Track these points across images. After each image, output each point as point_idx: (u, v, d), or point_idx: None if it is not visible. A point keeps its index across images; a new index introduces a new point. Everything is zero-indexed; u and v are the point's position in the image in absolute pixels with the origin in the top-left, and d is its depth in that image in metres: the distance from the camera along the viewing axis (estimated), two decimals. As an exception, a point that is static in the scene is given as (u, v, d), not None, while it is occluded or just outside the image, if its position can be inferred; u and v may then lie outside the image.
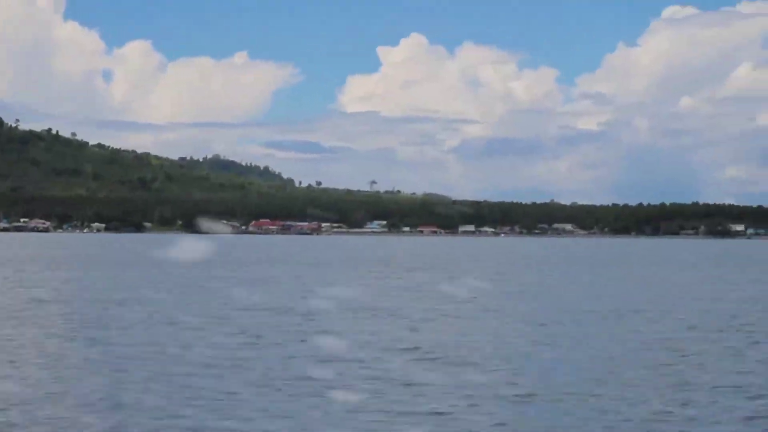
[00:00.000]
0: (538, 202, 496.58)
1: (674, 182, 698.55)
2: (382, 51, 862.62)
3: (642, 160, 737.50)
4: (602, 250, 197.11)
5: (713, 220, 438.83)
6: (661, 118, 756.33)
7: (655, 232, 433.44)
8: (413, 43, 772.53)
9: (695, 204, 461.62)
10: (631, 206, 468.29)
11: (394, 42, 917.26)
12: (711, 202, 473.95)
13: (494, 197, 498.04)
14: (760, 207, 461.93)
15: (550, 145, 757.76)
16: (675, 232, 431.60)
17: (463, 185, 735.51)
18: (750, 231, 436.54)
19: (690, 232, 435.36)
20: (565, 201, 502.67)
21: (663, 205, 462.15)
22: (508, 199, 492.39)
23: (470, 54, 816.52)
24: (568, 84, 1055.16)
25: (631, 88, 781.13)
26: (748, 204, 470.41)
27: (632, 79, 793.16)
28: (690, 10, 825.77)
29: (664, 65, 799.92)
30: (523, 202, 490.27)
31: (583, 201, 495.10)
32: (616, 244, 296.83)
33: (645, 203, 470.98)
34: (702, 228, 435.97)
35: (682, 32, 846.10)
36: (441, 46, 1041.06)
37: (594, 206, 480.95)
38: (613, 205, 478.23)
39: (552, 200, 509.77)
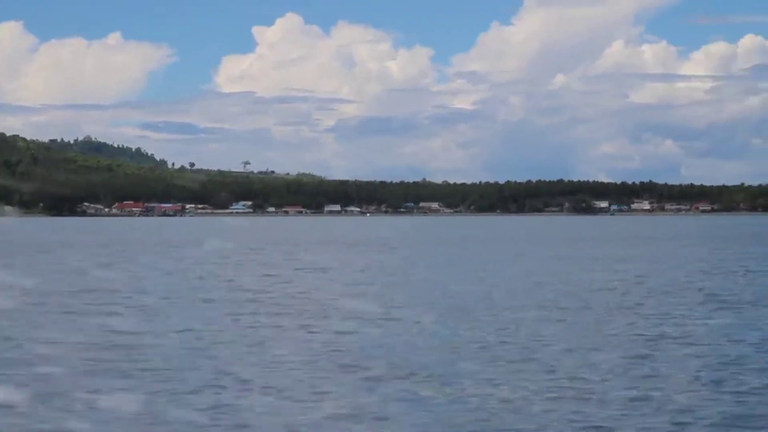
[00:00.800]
0: (414, 180, 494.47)
1: (549, 160, 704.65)
2: (257, 31, 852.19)
3: (517, 138, 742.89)
4: (461, 227, 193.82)
5: (578, 197, 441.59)
6: (536, 96, 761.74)
7: (521, 209, 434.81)
8: (288, 22, 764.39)
9: (560, 181, 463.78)
10: (498, 184, 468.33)
11: (269, 22, 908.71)
12: (586, 179, 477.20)
13: (370, 176, 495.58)
14: (623, 183, 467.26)
15: (426, 124, 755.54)
16: (540, 210, 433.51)
17: (339, 165, 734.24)
18: (613, 207, 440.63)
19: (555, 209, 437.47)
20: (442, 180, 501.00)
21: (529, 182, 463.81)
22: (385, 179, 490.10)
23: (345, 33, 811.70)
24: (443, 63, 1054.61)
25: (505, 67, 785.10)
26: (623, 180, 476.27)
27: (506, 57, 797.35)
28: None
29: (537, 43, 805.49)
30: (392, 181, 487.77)
31: (459, 180, 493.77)
32: (475, 221, 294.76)
33: (513, 181, 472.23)
34: (566, 205, 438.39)
35: (555, 10, 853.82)
36: (316, 26, 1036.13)
37: (461, 185, 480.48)
38: (480, 183, 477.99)
39: (424, 179, 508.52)
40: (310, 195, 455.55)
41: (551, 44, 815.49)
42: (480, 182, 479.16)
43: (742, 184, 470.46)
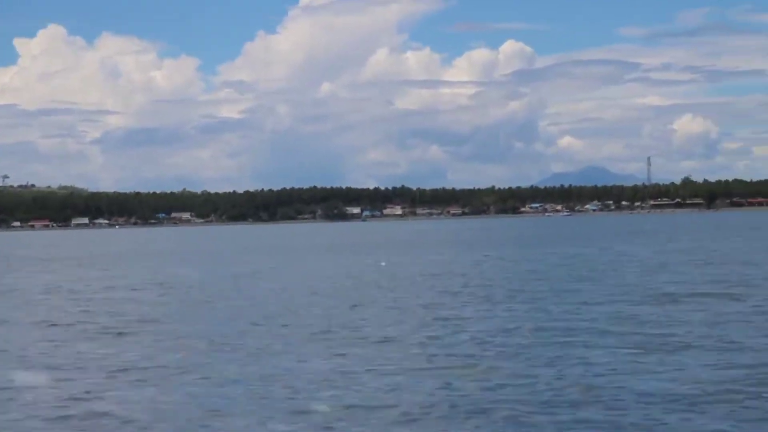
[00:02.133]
0: (172, 191, 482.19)
1: (318, 167, 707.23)
2: (19, 42, 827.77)
3: (285, 146, 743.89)
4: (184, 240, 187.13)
5: (330, 203, 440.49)
6: (302, 105, 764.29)
7: (272, 217, 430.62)
8: (51, 34, 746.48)
9: (314, 188, 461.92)
10: (249, 192, 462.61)
11: (31, 33, 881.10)
12: (341, 185, 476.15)
13: (137, 188, 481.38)
14: (376, 189, 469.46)
15: (193, 134, 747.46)
16: (293, 217, 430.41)
17: (106, 177, 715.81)
18: (366, 213, 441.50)
19: (307, 216, 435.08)
20: (202, 190, 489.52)
21: (283, 189, 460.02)
22: (154, 189, 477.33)
23: (110, 44, 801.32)
24: (210, 73, 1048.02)
25: (271, 76, 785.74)
26: (392, 186, 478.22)
27: (273, 66, 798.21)
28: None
29: (303, 52, 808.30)
30: (147, 192, 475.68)
31: (228, 189, 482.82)
32: (216, 231, 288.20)
33: (267, 189, 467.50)
34: (319, 212, 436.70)
35: (320, 19, 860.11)
36: (80, 37, 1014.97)
37: (215, 194, 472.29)
38: (234, 192, 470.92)
39: (185, 189, 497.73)
40: (58, 208, 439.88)
41: (317, 53, 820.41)
42: (233, 191, 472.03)
43: (493, 187, 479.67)
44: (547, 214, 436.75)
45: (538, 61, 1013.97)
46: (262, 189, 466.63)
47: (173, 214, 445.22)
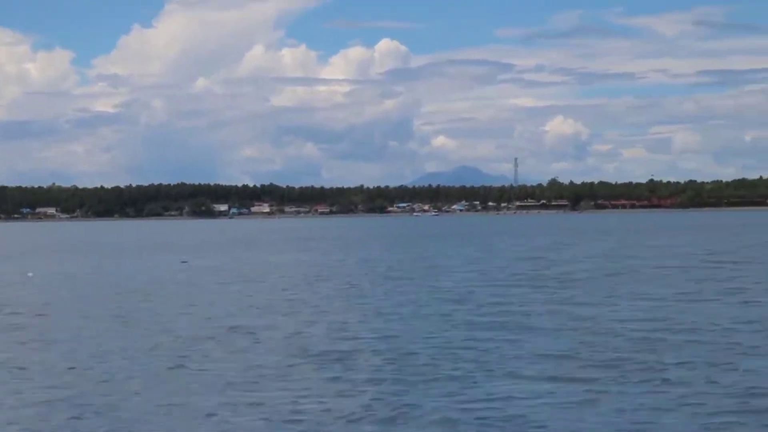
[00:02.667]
0: (40, 186, 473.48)
1: (192, 163, 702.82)
2: None
3: (159, 141, 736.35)
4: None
5: (197, 200, 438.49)
6: (177, 100, 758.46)
7: (139, 213, 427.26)
8: None
9: (181, 184, 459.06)
10: (119, 188, 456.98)
11: None
12: (228, 182, 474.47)
13: (10, 182, 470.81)
14: (245, 186, 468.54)
15: (67, 127, 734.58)
16: (160, 214, 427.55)
17: None
18: (233, 211, 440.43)
19: (174, 213, 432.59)
20: (87, 184, 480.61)
21: (151, 185, 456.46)
22: (26, 184, 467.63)
23: None
24: (85, 66, 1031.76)
25: (147, 70, 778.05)
26: (264, 183, 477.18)
27: (148, 60, 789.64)
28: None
29: (179, 46, 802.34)
30: (11, 186, 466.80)
31: (102, 184, 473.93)
32: (84, 227, 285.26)
33: (136, 185, 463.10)
34: (186, 209, 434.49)
35: (196, 14, 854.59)
36: None
37: (83, 189, 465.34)
38: (102, 187, 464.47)
39: (53, 184, 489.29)
40: None
41: (193, 48, 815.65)
42: (101, 186, 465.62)
43: (362, 186, 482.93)
44: (415, 214, 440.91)
45: (414, 60, 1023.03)
46: (131, 185, 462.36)
47: (38, 209, 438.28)
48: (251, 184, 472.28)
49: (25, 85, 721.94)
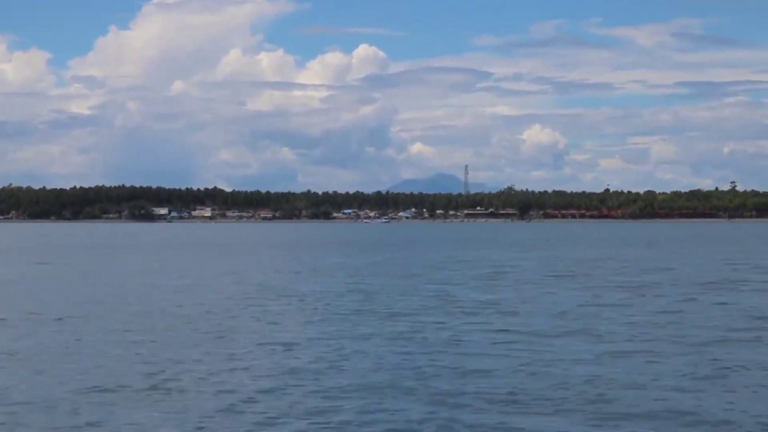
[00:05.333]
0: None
1: (167, 165, 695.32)
2: None
3: (134, 144, 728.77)
4: None
5: (135, 203, 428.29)
6: (153, 102, 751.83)
7: (76, 216, 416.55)
8: None
9: (122, 186, 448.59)
10: (56, 189, 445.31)
11: None
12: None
13: None
14: (188, 189, 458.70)
15: (42, 128, 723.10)
16: (97, 216, 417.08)
17: None
18: (173, 214, 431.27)
19: (112, 216, 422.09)
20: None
21: (92, 187, 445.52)
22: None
23: None
24: (60, 67, 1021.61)
25: (123, 72, 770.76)
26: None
27: (124, 62, 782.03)
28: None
29: (156, 49, 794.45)
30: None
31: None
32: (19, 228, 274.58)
33: (78, 186, 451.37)
34: (125, 212, 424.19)
35: (173, 17, 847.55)
36: None
37: (18, 188, 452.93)
38: (44, 188, 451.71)
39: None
40: None
41: (169, 50, 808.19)
42: (43, 187, 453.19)
43: (308, 191, 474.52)
44: (365, 220, 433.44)
45: (391, 66, 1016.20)
46: (75, 186, 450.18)
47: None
48: (195, 188, 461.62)
49: (0, 85, 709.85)
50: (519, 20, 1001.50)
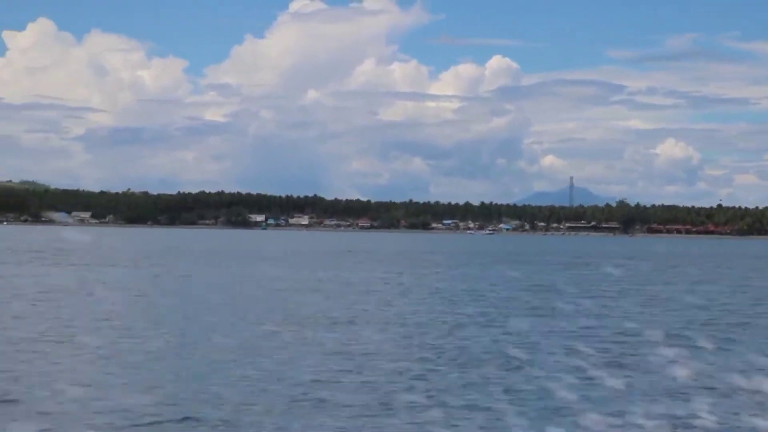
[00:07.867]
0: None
1: (299, 173, 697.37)
2: (8, 35, 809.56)
3: (267, 151, 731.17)
4: None
5: (232, 209, 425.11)
6: (287, 111, 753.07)
7: (172, 221, 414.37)
8: (41, 28, 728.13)
9: (220, 193, 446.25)
10: (150, 195, 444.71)
11: (20, 26, 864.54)
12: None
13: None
14: (288, 197, 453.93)
15: (177, 135, 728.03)
16: (193, 222, 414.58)
17: (89, 174, 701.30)
18: (270, 221, 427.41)
19: (209, 222, 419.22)
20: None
21: (182, 194, 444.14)
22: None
23: (98, 41, 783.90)
24: (197, 74, 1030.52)
25: (258, 80, 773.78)
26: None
27: (259, 71, 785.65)
28: (317, 5, 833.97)
29: (291, 58, 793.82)
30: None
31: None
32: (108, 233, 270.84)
33: (169, 193, 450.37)
34: (221, 218, 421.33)
35: (308, 26, 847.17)
36: (69, 33, 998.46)
37: (115, 194, 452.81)
38: (133, 192, 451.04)
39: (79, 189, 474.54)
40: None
41: (304, 59, 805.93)
42: (130, 191, 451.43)
43: (410, 200, 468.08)
44: (468, 231, 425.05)
45: (524, 78, 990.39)
46: (167, 192, 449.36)
47: (73, 214, 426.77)
48: (360, 198, 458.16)
49: (138, 92, 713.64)
50: (654, 34, 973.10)
